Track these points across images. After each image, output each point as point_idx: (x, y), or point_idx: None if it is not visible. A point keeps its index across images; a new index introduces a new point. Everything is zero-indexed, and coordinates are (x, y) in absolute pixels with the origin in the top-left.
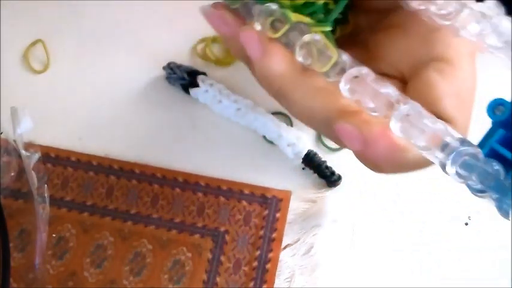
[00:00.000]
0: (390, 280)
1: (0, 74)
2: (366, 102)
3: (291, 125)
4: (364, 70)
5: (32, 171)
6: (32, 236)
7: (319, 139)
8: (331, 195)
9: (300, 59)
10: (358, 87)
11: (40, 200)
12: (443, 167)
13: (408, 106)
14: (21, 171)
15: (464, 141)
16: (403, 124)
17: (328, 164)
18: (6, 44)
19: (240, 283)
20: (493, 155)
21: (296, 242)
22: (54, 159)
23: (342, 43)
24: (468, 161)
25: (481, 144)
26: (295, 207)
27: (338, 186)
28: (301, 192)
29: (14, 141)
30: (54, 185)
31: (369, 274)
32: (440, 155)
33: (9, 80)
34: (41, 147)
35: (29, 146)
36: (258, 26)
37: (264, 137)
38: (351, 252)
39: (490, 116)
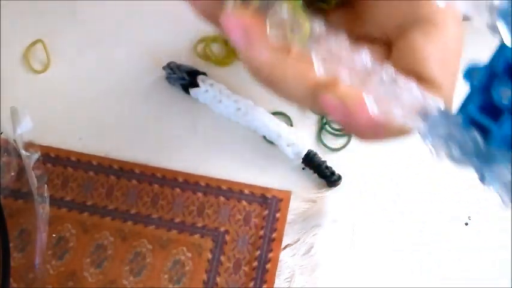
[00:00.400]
0: (390, 280)
1: (0, 74)
2: (343, 74)
3: (291, 125)
4: (337, 40)
5: (32, 171)
6: (32, 236)
7: (319, 139)
8: (331, 195)
9: (274, 38)
10: (331, 59)
11: (40, 200)
12: (422, 136)
13: (383, 74)
14: (21, 171)
15: (442, 109)
16: (378, 94)
17: (328, 164)
18: (6, 44)
19: (240, 283)
20: (472, 122)
21: (296, 242)
22: (54, 159)
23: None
24: (446, 130)
25: (459, 111)
26: (295, 207)
27: (338, 186)
28: (301, 192)
29: (14, 141)
30: (54, 185)
31: (369, 274)
32: (418, 124)
33: (9, 80)
34: (41, 147)
35: (29, 146)
36: (229, 4)
37: (264, 137)
38: (351, 252)
39: (466, 81)
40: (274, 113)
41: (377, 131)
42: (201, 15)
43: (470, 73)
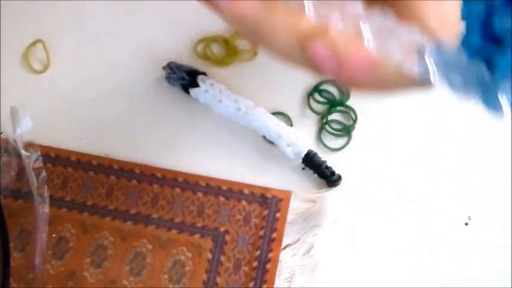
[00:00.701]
0: (390, 280)
1: (0, 74)
2: (334, 20)
3: (291, 125)
4: None
5: (32, 171)
6: (32, 236)
7: (319, 139)
8: (331, 195)
9: None
10: (323, 5)
11: (40, 200)
12: (424, 73)
13: (380, 17)
14: (21, 171)
15: (441, 44)
16: (376, 36)
17: (328, 164)
18: (6, 44)
19: (240, 283)
20: (474, 53)
21: (296, 242)
22: (54, 159)
23: None
24: (449, 62)
25: (461, 45)
26: (295, 207)
27: (338, 186)
28: (301, 192)
29: (14, 141)
30: (54, 185)
31: (369, 274)
32: (419, 61)
33: (9, 80)
34: (41, 147)
35: (29, 146)
36: None
37: (264, 137)
38: (351, 252)
39: (465, 15)
40: (274, 113)
41: (373, 75)
42: None
43: (469, 7)
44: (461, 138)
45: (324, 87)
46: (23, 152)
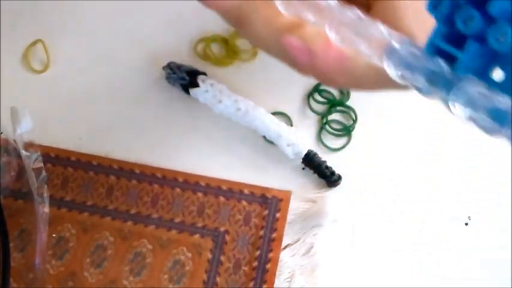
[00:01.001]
0: (390, 280)
1: (0, 74)
2: (305, 14)
3: (291, 125)
4: None
5: (32, 171)
6: (32, 236)
7: (319, 139)
8: (331, 195)
9: None
10: (298, 2)
11: (40, 200)
12: (389, 70)
13: (348, 12)
14: (21, 171)
15: (406, 42)
16: (342, 32)
17: (328, 164)
18: (6, 44)
19: (240, 283)
20: (437, 52)
21: (296, 242)
22: (54, 159)
23: None
24: (410, 60)
25: (426, 44)
26: (295, 207)
27: (338, 186)
28: (301, 192)
29: (14, 141)
30: (54, 185)
31: (369, 274)
32: (384, 58)
33: (9, 80)
34: (41, 147)
35: (29, 146)
36: None
37: (264, 137)
38: (351, 252)
39: (431, 12)
40: (274, 113)
41: (345, 70)
42: None
43: (434, 5)
44: (461, 138)
45: (324, 87)
46: (23, 152)
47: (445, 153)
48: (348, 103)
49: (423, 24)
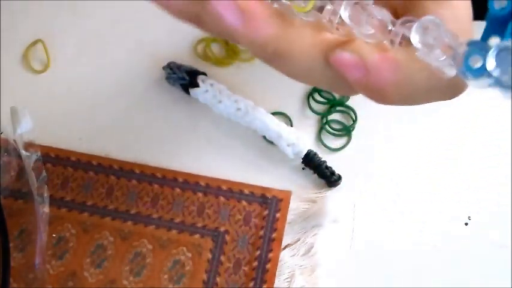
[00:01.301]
0: (390, 280)
1: (0, 74)
2: (365, 28)
3: (291, 125)
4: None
5: (32, 171)
6: (32, 236)
7: (319, 139)
8: (331, 195)
9: (276, 4)
10: (356, 13)
11: (40, 200)
12: (463, 74)
13: (428, 19)
14: (21, 171)
15: (486, 43)
16: (423, 36)
17: (328, 164)
18: (6, 44)
19: (240, 283)
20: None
21: (296, 242)
22: (54, 159)
23: None
24: (503, 54)
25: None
26: (295, 207)
27: (338, 186)
28: (301, 192)
29: (14, 141)
30: (54, 185)
31: (369, 274)
32: (456, 63)
33: (9, 80)
34: (41, 147)
35: (29, 146)
36: None
37: (264, 137)
38: (351, 252)
39: (491, 9)
40: (274, 113)
41: (402, 84)
42: (179, 16)
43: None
44: (461, 138)
45: None
46: (23, 152)
47: (445, 153)
48: (348, 103)
49: (463, 31)
